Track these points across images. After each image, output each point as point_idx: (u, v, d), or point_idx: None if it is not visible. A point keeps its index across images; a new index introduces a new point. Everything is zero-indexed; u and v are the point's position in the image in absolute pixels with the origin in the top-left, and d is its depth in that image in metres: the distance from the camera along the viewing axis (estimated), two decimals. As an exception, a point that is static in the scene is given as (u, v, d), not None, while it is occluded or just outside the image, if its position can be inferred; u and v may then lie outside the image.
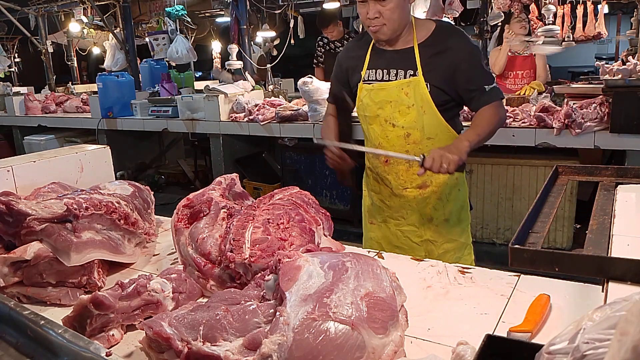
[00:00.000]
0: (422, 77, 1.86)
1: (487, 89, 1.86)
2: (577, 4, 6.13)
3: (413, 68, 1.88)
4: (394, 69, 1.92)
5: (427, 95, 1.86)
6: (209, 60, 8.99)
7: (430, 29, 1.91)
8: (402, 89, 1.89)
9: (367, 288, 0.99)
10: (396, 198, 2.05)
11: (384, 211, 2.11)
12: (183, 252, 1.37)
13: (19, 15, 7.65)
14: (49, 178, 1.82)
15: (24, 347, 1.05)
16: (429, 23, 1.95)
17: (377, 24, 1.83)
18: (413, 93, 1.88)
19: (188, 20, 6.31)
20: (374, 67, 1.96)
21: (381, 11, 1.80)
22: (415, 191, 2.01)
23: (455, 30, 1.93)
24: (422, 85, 1.86)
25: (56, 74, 8.51)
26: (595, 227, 1.17)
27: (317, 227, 1.41)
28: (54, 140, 6.09)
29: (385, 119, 1.95)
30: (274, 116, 4.48)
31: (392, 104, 1.92)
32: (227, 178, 1.62)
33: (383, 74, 1.94)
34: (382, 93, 1.93)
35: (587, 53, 11.09)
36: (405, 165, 1.98)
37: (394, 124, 1.94)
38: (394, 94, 1.91)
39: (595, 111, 3.26)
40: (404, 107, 1.90)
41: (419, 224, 2.05)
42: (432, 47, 1.88)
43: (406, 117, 1.91)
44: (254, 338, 0.92)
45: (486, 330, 0.90)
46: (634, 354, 0.48)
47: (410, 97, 1.89)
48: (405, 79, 1.89)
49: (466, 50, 1.87)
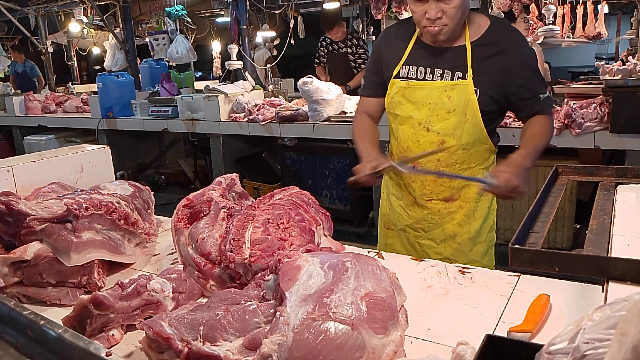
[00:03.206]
0: (472, 81, 1.67)
1: (542, 98, 1.70)
2: (577, 4, 6.13)
3: (463, 70, 1.68)
4: (439, 68, 1.72)
5: (474, 102, 1.68)
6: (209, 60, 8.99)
7: (484, 26, 1.71)
8: (445, 91, 1.70)
9: (367, 288, 0.99)
10: (419, 208, 1.87)
11: (404, 219, 1.92)
12: (183, 252, 1.37)
13: (19, 15, 7.66)
14: (49, 178, 1.82)
15: (24, 347, 1.05)
16: (482, 18, 1.74)
17: (439, 24, 1.62)
18: (457, 97, 1.69)
19: (188, 20, 6.31)
20: (415, 63, 1.76)
21: (444, 10, 1.59)
22: (441, 204, 1.83)
23: (511, 29, 1.75)
24: (470, 91, 1.67)
25: (56, 74, 8.52)
26: (595, 227, 1.17)
27: (317, 227, 1.41)
28: (54, 140, 6.10)
29: (420, 122, 1.76)
30: (274, 116, 4.49)
31: (431, 107, 1.73)
32: (227, 178, 1.62)
33: (425, 72, 1.74)
34: (420, 93, 1.74)
35: (587, 53, 11.09)
36: (434, 175, 1.80)
37: (428, 129, 1.75)
38: (435, 96, 1.72)
39: (595, 111, 3.26)
40: (443, 111, 1.72)
41: (440, 240, 1.87)
42: (487, 47, 1.68)
43: (444, 123, 1.72)
44: (254, 338, 0.92)
45: (486, 330, 0.90)
46: (634, 354, 0.48)
47: (452, 102, 1.70)
48: (450, 81, 1.70)
49: (523, 52, 1.70)
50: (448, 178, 1.78)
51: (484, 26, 1.71)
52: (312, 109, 4.25)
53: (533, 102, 1.70)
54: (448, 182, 1.81)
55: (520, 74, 1.68)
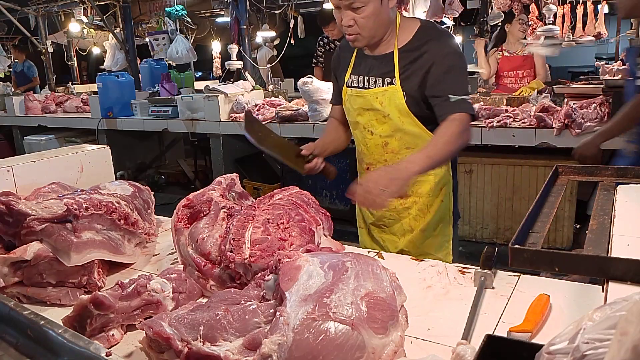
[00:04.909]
0: (400, 86, 1.73)
1: (452, 99, 1.66)
2: (577, 4, 6.13)
3: (391, 76, 1.76)
4: (373, 76, 1.81)
5: (403, 106, 1.74)
6: (209, 60, 8.99)
7: (412, 32, 1.76)
8: (377, 98, 1.78)
9: (367, 288, 0.99)
10: None
11: (369, 217, 2.04)
12: (183, 252, 1.37)
13: (19, 15, 7.66)
14: (49, 178, 1.82)
15: (24, 347, 1.05)
16: (414, 24, 1.79)
17: (351, 32, 1.70)
18: (388, 103, 1.76)
19: (188, 20, 6.31)
20: (357, 72, 1.86)
21: (355, 19, 1.66)
22: (396, 200, 1.85)
23: (437, 33, 1.76)
24: (399, 95, 1.74)
25: (56, 74, 8.52)
26: (595, 227, 1.17)
27: (317, 227, 1.41)
28: (54, 140, 6.09)
29: (364, 126, 1.86)
30: (274, 116, 4.49)
31: (370, 112, 1.82)
32: (227, 178, 1.62)
33: (364, 80, 1.83)
34: (360, 100, 1.84)
35: (587, 53, 11.09)
36: None
37: (372, 132, 1.85)
38: (369, 103, 1.81)
39: (595, 111, 3.26)
40: (380, 116, 1.80)
41: (400, 234, 1.94)
42: (411, 52, 1.74)
43: (383, 126, 1.81)
44: (254, 338, 0.92)
45: (486, 330, 0.90)
46: (634, 354, 0.48)
47: (385, 107, 1.77)
48: (381, 88, 1.77)
49: (442, 53, 1.70)
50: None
51: (412, 32, 1.76)
52: (312, 109, 4.25)
53: (441, 102, 1.68)
54: None
55: (434, 73, 1.69)
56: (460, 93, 1.67)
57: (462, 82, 1.72)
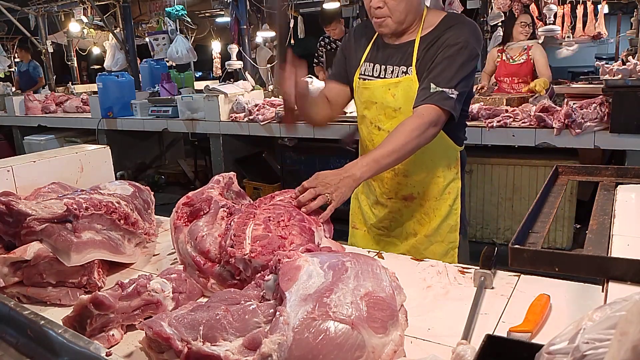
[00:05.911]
0: (416, 76, 1.62)
1: (432, 90, 1.54)
2: (577, 4, 6.13)
3: (407, 64, 1.64)
4: (390, 65, 1.68)
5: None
6: (209, 60, 9.00)
7: (436, 22, 1.66)
8: (390, 89, 1.66)
9: (367, 288, 0.99)
10: (381, 207, 1.85)
11: (370, 218, 1.91)
12: (182, 250, 1.37)
13: (19, 15, 7.67)
14: (49, 178, 1.82)
15: (24, 347, 1.05)
16: (439, 14, 1.69)
17: (380, 14, 1.61)
18: (401, 95, 1.64)
19: (188, 20, 6.32)
20: (372, 60, 1.73)
21: (386, 0, 1.59)
22: (400, 202, 1.80)
23: (459, 22, 1.64)
24: (414, 87, 1.62)
25: (56, 74, 8.53)
26: (595, 227, 1.17)
27: (317, 228, 1.41)
28: (54, 140, 6.10)
29: (371, 121, 1.74)
30: (274, 116, 4.48)
31: (377, 106, 1.71)
32: (225, 177, 1.62)
33: (380, 69, 1.70)
34: (367, 93, 1.72)
35: (587, 53, 11.09)
36: (391, 173, 1.76)
37: (379, 127, 1.73)
38: (379, 95, 1.69)
39: (595, 111, 3.26)
40: (390, 109, 1.68)
41: (403, 238, 1.84)
42: (429, 40, 1.63)
43: (392, 121, 1.67)
44: (254, 338, 0.92)
45: (486, 330, 0.90)
46: (634, 354, 0.48)
47: (397, 100, 1.65)
48: (395, 79, 1.66)
49: (449, 42, 1.59)
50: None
51: (436, 21, 1.66)
52: (312, 109, 4.25)
53: (420, 90, 1.58)
54: (405, 180, 1.79)
55: (435, 61, 1.59)
56: (443, 85, 1.54)
57: (452, 75, 1.56)
